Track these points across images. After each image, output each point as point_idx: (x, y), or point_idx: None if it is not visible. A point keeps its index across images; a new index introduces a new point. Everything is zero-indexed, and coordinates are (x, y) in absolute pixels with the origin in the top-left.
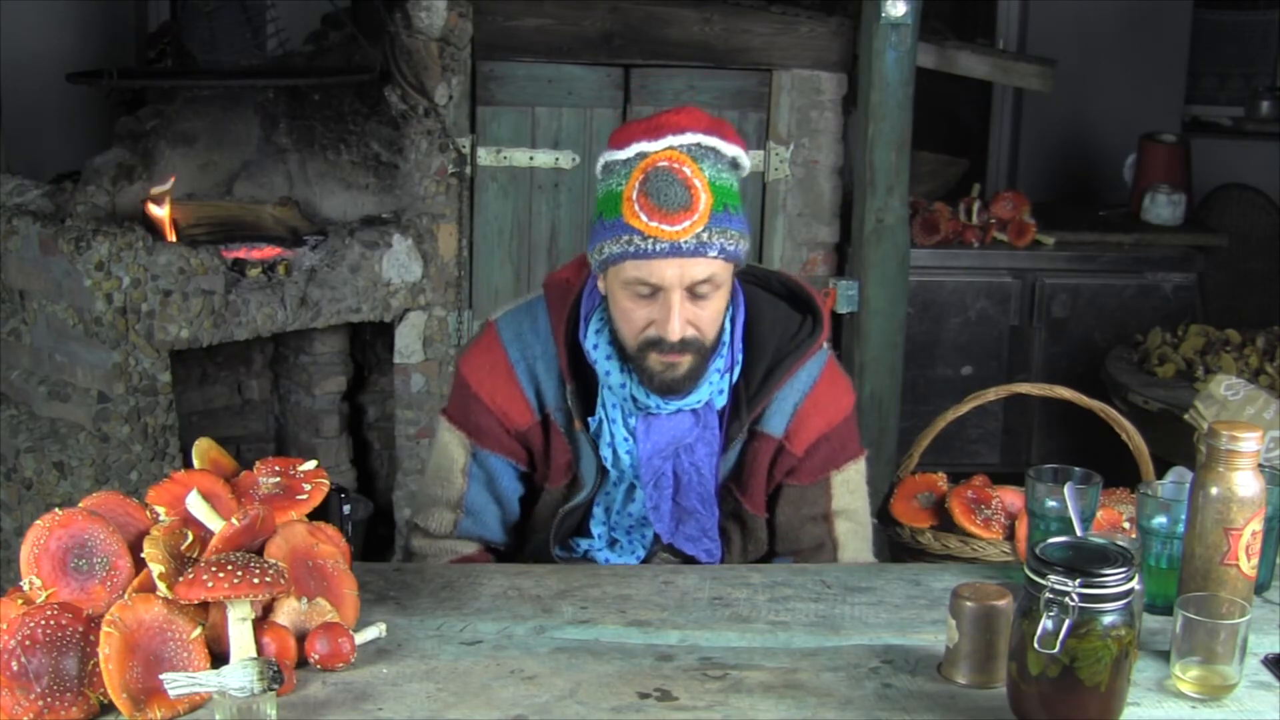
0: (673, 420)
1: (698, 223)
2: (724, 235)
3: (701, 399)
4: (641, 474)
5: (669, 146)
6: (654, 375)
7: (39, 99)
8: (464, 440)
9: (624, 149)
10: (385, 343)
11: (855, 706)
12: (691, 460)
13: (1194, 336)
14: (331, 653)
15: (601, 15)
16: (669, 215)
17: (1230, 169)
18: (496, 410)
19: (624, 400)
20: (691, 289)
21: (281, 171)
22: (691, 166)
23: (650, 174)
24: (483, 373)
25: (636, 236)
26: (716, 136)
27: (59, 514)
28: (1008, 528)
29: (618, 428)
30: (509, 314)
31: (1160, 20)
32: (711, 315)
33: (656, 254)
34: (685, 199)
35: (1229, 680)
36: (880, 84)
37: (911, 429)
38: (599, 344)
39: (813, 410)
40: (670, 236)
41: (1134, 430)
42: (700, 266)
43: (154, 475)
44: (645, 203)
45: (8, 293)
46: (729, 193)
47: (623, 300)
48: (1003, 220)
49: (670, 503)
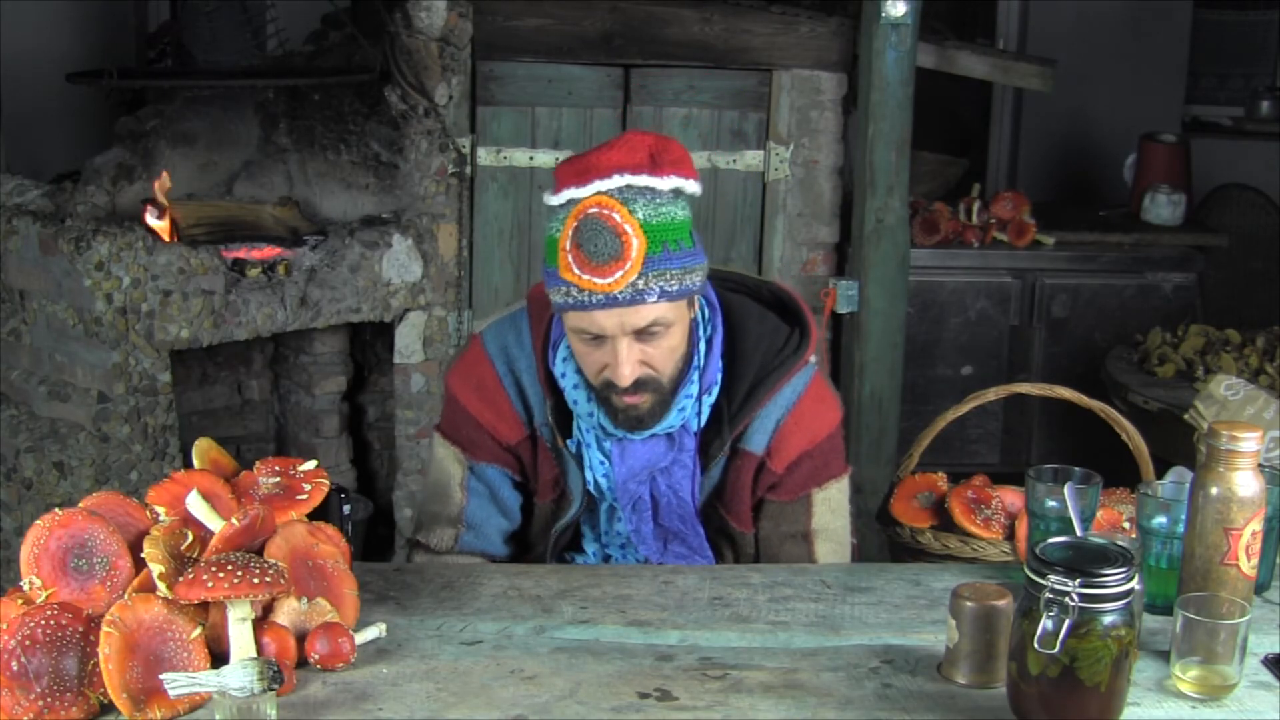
0: (647, 445)
1: (630, 271)
2: (662, 278)
3: (674, 424)
4: (619, 498)
5: (596, 192)
6: (618, 413)
7: (39, 99)
8: (459, 455)
9: (558, 194)
10: (385, 343)
11: (855, 706)
12: (669, 483)
13: (1194, 336)
14: (331, 653)
15: (601, 15)
16: (599, 268)
17: (1230, 169)
18: (487, 425)
19: (594, 428)
20: (638, 333)
21: (281, 171)
22: (621, 212)
23: (580, 223)
24: (470, 387)
25: (573, 289)
26: (647, 173)
27: (59, 514)
28: (1008, 528)
29: (593, 451)
30: (493, 326)
31: (1160, 20)
32: (665, 353)
33: (593, 305)
34: (615, 249)
35: (1229, 680)
36: (880, 84)
37: (911, 429)
38: (566, 373)
39: (795, 427)
40: (604, 289)
41: (1134, 430)
42: (640, 314)
43: (154, 475)
44: (578, 255)
45: (8, 293)
46: (667, 229)
47: (576, 344)
48: (1003, 220)
49: (651, 524)
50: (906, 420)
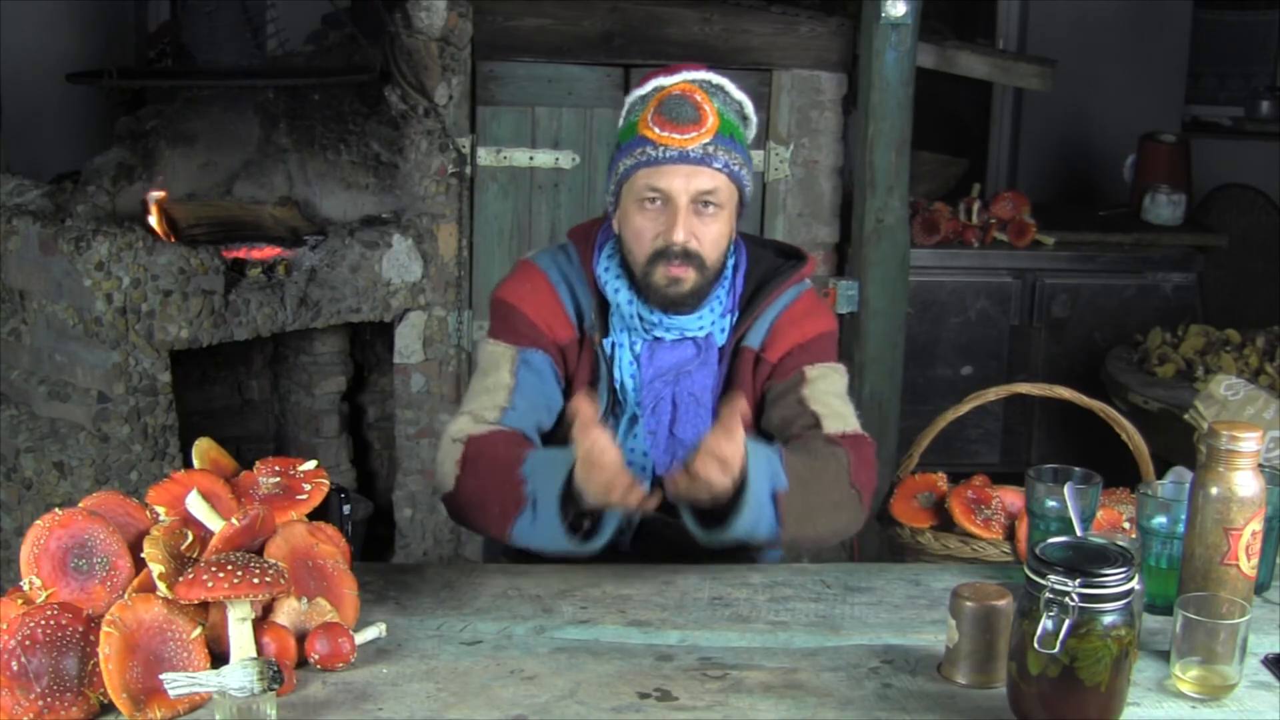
0: (676, 348)
1: (704, 134)
2: (729, 154)
3: (704, 325)
4: (643, 398)
5: (684, 79)
6: (659, 290)
7: (39, 99)
8: (510, 349)
9: (643, 87)
10: (385, 343)
11: (855, 706)
12: (691, 389)
13: (1194, 336)
14: (331, 653)
15: (601, 15)
16: (679, 127)
17: (1230, 169)
18: (541, 323)
19: (631, 319)
20: (696, 204)
21: (281, 171)
22: (702, 95)
23: (665, 99)
24: (524, 290)
25: (649, 146)
26: (728, 81)
27: (59, 514)
28: (1008, 528)
29: (624, 352)
30: (542, 251)
31: (1160, 20)
32: (714, 235)
33: (666, 160)
34: (694, 115)
35: (1229, 680)
36: (880, 84)
37: (911, 429)
38: (609, 266)
39: (788, 324)
40: (679, 144)
41: (1134, 430)
42: (705, 177)
43: (154, 475)
44: (659, 119)
45: (8, 293)
46: (735, 127)
47: (634, 217)
48: (1003, 220)
49: (667, 433)
50: (906, 420)
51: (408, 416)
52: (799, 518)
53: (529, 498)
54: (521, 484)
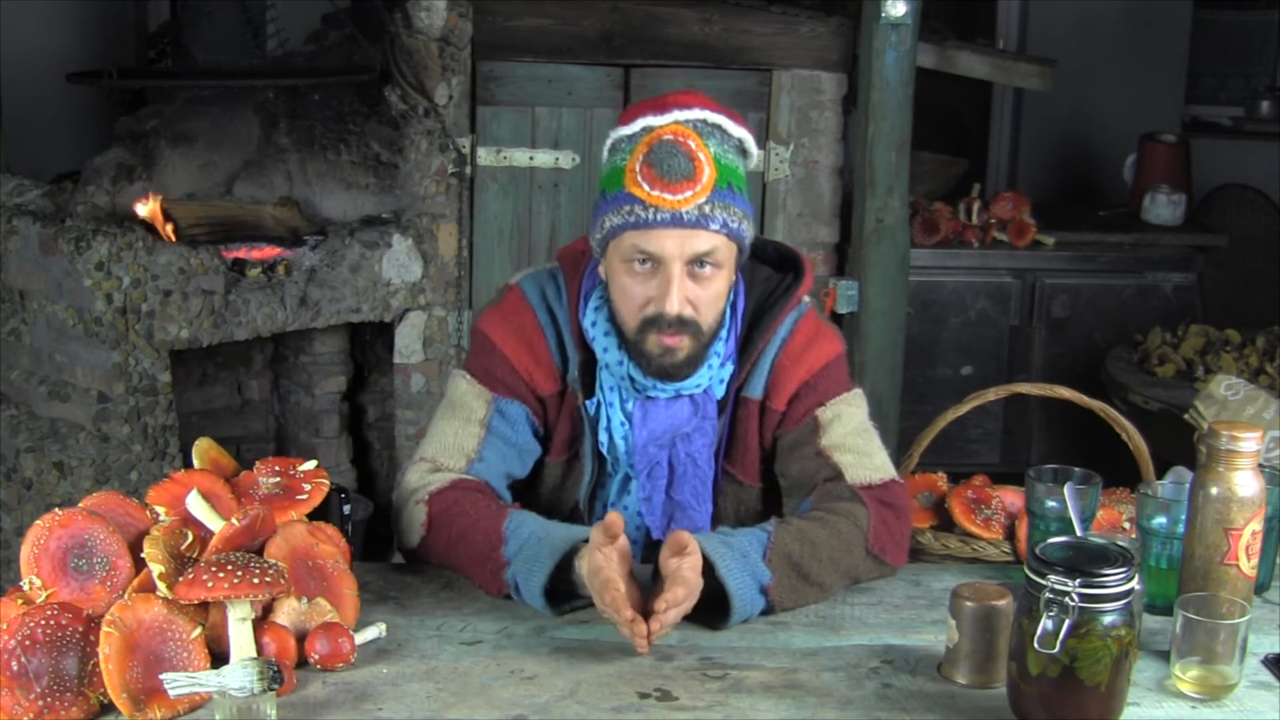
0: (671, 407)
1: (700, 193)
2: (727, 211)
3: (701, 384)
4: (636, 462)
5: (675, 121)
6: (651, 359)
7: (39, 99)
8: (485, 393)
9: (630, 125)
10: (385, 343)
11: (855, 706)
12: (688, 450)
13: (1194, 336)
14: (331, 653)
15: (601, 15)
16: (671, 185)
17: (1230, 169)
18: (523, 372)
19: (621, 380)
20: (691, 265)
21: (281, 171)
22: (696, 140)
23: (654, 146)
24: (508, 331)
25: (638, 206)
26: (724, 117)
27: (59, 514)
28: (1008, 528)
29: (614, 411)
30: (530, 276)
31: (1160, 20)
32: (711, 297)
33: (657, 223)
34: (688, 169)
35: (1229, 680)
36: (880, 84)
37: (911, 429)
38: (597, 320)
39: (790, 363)
40: (672, 205)
41: (1134, 430)
42: (702, 239)
43: (154, 475)
44: (648, 172)
45: (8, 293)
46: (733, 172)
47: (622, 277)
48: (1003, 220)
49: (663, 495)
50: (906, 420)
51: (408, 416)
52: (796, 594)
53: (510, 582)
54: (503, 566)
